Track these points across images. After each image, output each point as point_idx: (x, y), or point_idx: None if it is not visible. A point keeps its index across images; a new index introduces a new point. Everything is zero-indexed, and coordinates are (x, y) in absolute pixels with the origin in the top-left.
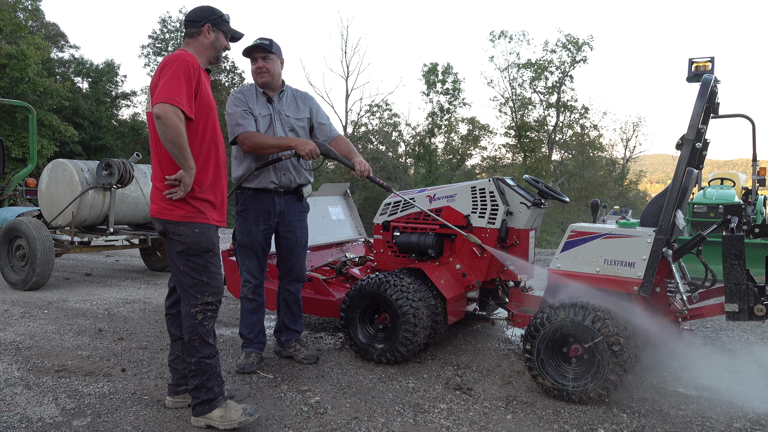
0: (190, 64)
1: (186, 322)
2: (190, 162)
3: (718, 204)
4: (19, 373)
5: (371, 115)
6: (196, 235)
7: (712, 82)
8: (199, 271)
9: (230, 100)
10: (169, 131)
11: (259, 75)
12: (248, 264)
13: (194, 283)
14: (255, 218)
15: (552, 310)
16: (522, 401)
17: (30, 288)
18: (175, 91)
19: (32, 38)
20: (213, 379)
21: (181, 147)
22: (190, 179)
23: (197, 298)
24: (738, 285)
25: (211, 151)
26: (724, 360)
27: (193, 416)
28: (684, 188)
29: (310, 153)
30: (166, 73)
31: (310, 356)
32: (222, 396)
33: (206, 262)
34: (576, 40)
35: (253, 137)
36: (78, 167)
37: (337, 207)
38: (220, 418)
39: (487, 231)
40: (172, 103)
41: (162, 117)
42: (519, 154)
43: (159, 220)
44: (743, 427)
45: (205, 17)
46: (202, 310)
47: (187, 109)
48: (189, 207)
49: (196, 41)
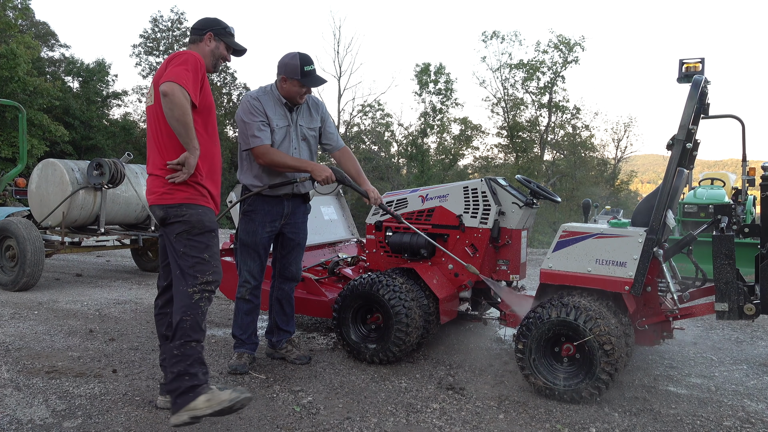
0: (198, 59)
1: (180, 302)
2: (195, 142)
3: (709, 204)
4: (9, 375)
5: (364, 115)
6: (200, 214)
7: (703, 83)
8: (200, 250)
9: (246, 107)
10: (176, 108)
11: (300, 98)
12: (250, 264)
13: (195, 262)
14: (262, 220)
15: (544, 309)
16: (514, 401)
17: (20, 289)
18: (183, 75)
19: (22, 37)
20: (197, 365)
21: (186, 125)
22: (195, 160)
23: (197, 277)
24: (728, 284)
25: (210, 145)
26: (714, 359)
27: (173, 413)
28: (675, 188)
29: (327, 179)
30: (176, 63)
31: (302, 357)
32: (206, 383)
33: (209, 241)
34: (567, 40)
35: (271, 154)
36: (68, 167)
37: (330, 207)
38: (207, 401)
39: (479, 231)
40: (180, 83)
41: (170, 94)
42: (511, 154)
43: (160, 206)
44: (733, 426)
45: (209, 26)
46: (200, 290)
47: (193, 95)
48: (192, 189)
49: (198, 48)
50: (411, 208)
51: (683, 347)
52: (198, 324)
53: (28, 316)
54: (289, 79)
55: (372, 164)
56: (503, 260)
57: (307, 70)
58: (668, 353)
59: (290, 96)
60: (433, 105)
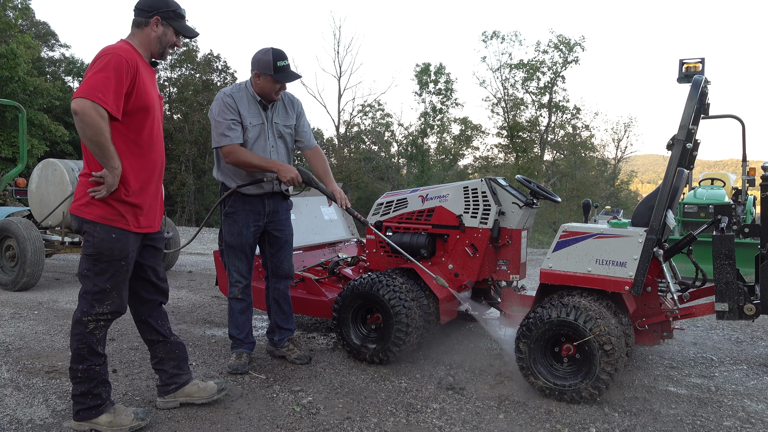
0: (124, 59)
1: (75, 329)
2: (113, 162)
3: (709, 204)
4: (9, 375)
5: (364, 115)
6: (111, 241)
7: (703, 83)
8: (104, 279)
9: (217, 105)
10: (88, 129)
11: (275, 95)
12: (238, 264)
13: (96, 290)
14: (245, 220)
15: (544, 309)
16: (514, 401)
17: (20, 289)
18: (100, 86)
19: (22, 37)
20: (101, 385)
21: (101, 146)
22: (114, 180)
23: (93, 306)
24: (728, 284)
25: (145, 154)
26: (715, 359)
27: (75, 420)
28: (675, 188)
29: (292, 180)
30: (95, 66)
31: (302, 356)
32: (110, 401)
33: (116, 270)
34: (568, 40)
35: (238, 153)
36: (68, 167)
37: (330, 207)
38: (109, 423)
39: (479, 231)
40: (93, 99)
41: (80, 113)
42: (511, 154)
43: (76, 218)
44: (733, 426)
45: (156, 8)
46: (95, 319)
47: (113, 108)
48: (109, 209)
49: (142, 32)
50: (411, 208)
51: (683, 347)
52: (94, 350)
53: (28, 315)
54: (262, 75)
55: (372, 164)
56: (503, 260)
57: (280, 65)
58: (668, 353)
59: (264, 93)
60: (433, 105)
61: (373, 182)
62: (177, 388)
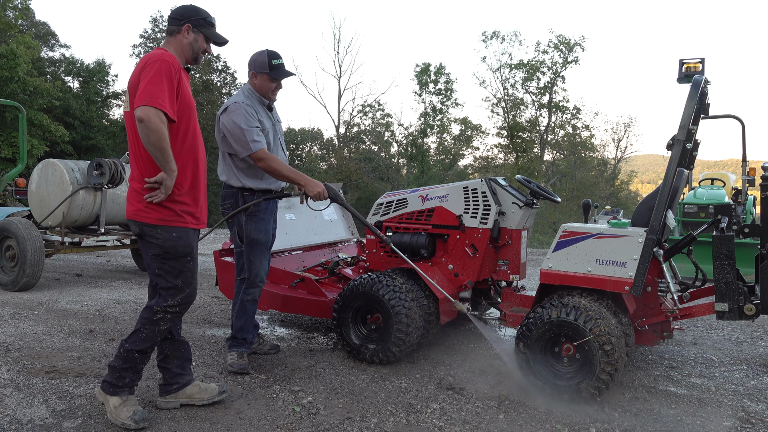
0: (170, 64)
1: (144, 313)
2: (173, 165)
3: (709, 204)
4: (8, 375)
5: (364, 115)
6: (174, 239)
7: (703, 83)
8: (174, 275)
9: (242, 114)
10: (152, 135)
11: (273, 93)
12: (264, 263)
13: (169, 286)
14: (269, 218)
15: (544, 309)
16: (514, 401)
17: (20, 289)
18: (158, 93)
19: (22, 37)
20: (130, 371)
21: (163, 150)
22: (172, 182)
23: (167, 300)
24: (728, 284)
25: (191, 153)
26: (715, 359)
27: (99, 388)
28: (675, 188)
29: (318, 195)
30: (148, 74)
31: (274, 346)
32: (128, 389)
33: (183, 266)
34: (567, 40)
35: (270, 160)
36: (68, 167)
37: (330, 207)
38: (114, 408)
39: (479, 231)
40: (155, 106)
41: (145, 120)
42: (511, 154)
43: (136, 223)
44: (733, 426)
45: (187, 17)
46: (164, 311)
47: (170, 112)
48: (167, 210)
49: (176, 40)
50: (411, 208)
51: (683, 347)
52: (150, 338)
53: (28, 316)
54: (259, 74)
55: (372, 164)
56: (503, 260)
57: (275, 63)
58: (668, 353)
59: (263, 92)
60: (433, 105)
61: (373, 182)
62: (179, 388)
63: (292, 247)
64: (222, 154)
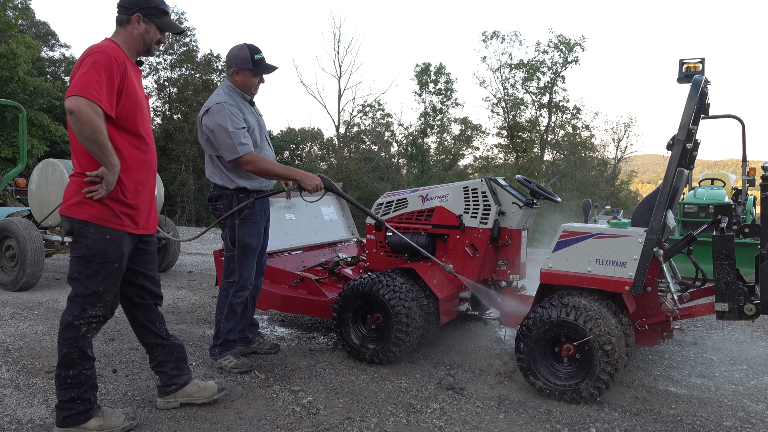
0: (112, 57)
1: (65, 334)
2: (113, 159)
3: (709, 204)
4: (8, 375)
5: (364, 115)
6: (105, 242)
7: (703, 83)
8: (97, 281)
9: (227, 114)
10: (85, 128)
11: (255, 89)
12: (249, 269)
13: (89, 293)
14: (261, 220)
15: (544, 309)
16: (514, 401)
17: (20, 289)
18: (92, 84)
19: (22, 37)
20: (91, 390)
21: (99, 143)
22: (114, 177)
23: (86, 310)
24: (728, 284)
25: (137, 153)
26: (715, 359)
27: (60, 427)
28: (675, 188)
29: (317, 187)
30: (85, 66)
31: (274, 345)
32: (97, 405)
33: (108, 273)
34: (568, 40)
35: (259, 161)
36: (68, 167)
37: (330, 207)
38: (99, 427)
39: (480, 231)
40: (88, 97)
41: (76, 112)
42: (511, 154)
43: (67, 218)
44: (733, 426)
45: (137, 5)
46: (87, 322)
47: (107, 106)
48: (105, 208)
49: (125, 30)
50: (411, 208)
51: (683, 347)
52: (85, 353)
53: (29, 315)
54: (241, 71)
55: (372, 164)
56: (503, 260)
57: (257, 58)
58: (668, 353)
59: (246, 88)
60: (433, 105)
61: (373, 182)
62: (177, 388)
63: (292, 247)
64: (209, 157)
